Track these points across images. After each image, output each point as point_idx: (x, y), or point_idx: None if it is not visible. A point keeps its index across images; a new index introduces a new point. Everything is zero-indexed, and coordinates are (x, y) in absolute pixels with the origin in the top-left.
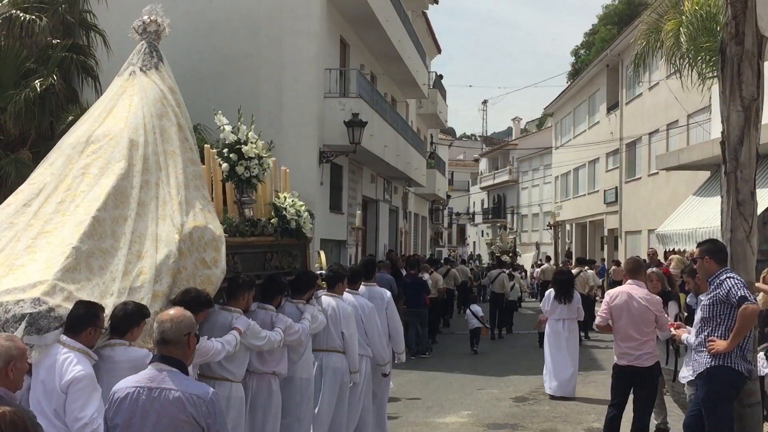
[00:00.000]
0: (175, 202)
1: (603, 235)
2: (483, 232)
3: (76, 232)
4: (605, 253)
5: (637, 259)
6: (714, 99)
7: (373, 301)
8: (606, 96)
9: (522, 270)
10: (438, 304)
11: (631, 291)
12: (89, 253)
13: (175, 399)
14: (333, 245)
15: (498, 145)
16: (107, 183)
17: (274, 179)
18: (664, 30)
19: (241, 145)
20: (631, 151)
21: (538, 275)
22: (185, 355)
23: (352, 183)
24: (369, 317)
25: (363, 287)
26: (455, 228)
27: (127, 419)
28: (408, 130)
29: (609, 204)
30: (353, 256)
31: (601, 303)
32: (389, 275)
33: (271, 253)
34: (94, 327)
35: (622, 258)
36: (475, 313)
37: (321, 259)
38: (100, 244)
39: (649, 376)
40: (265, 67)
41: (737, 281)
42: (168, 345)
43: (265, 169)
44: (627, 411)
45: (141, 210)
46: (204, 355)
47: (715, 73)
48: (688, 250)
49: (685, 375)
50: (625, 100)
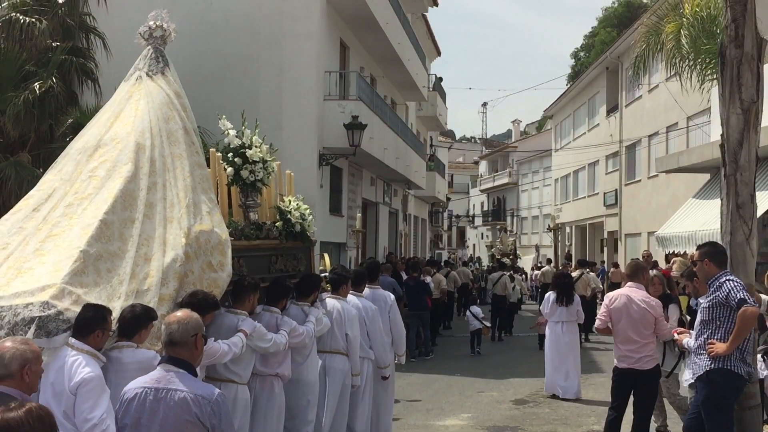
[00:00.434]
0: (183, 204)
1: (603, 238)
2: (483, 234)
3: (83, 235)
4: (605, 256)
5: (638, 262)
6: (714, 101)
7: (377, 304)
8: (606, 98)
9: (522, 272)
10: (439, 306)
11: (630, 294)
12: (97, 256)
13: (181, 400)
14: (333, 248)
15: (498, 148)
16: (115, 186)
17: (278, 183)
18: (664, 32)
19: (246, 149)
20: (631, 154)
21: (538, 277)
22: (193, 357)
23: (351, 185)
24: (372, 319)
25: (367, 290)
26: (455, 230)
27: (136, 419)
28: (408, 132)
29: (609, 206)
30: (353, 258)
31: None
32: (391, 278)
33: (276, 256)
34: (102, 329)
35: (621, 260)
36: (476, 315)
37: (325, 262)
38: (108, 246)
39: (650, 378)
40: (265, 70)
41: (737, 284)
42: (175, 346)
43: (270, 173)
44: (627, 414)
45: (148, 211)
46: (211, 357)
47: (715, 76)
48: (690, 252)
49: (687, 378)
50: (625, 102)
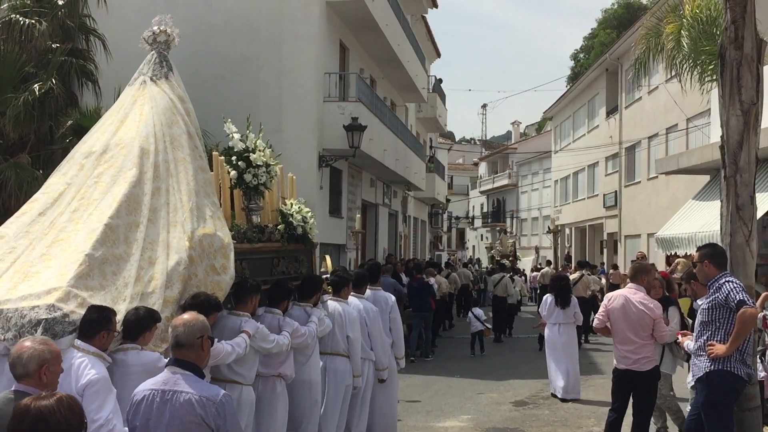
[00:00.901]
0: (186, 208)
1: (602, 239)
2: (482, 236)
3: (89, 239)
4: (605, 257)
5: (641, 264)
6: (713, 103)
7: (377, 305)
8: (605, 100)
9: (522, 274)
10: (440, 307)
11: (629, 295)
12: (102, 260)
13: (186, 401)
14: (332, 249)
15: (497, 149)
16: (119, 190)
17: (281, 186)
18: (664, 33)
19: (250, 153)
20: (631, 155)
21: (537, 279)
22: (199, 358)
23: (351, 187)
24: (373, 321)
25: (368, 291)
26: (455, 232)
27: (144, 421)
28: (407, 134)
29: (608, 208)
30: (353, 260)
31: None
32: (392, 279)
33: (278, 259)
34: (107, 330)
35: (621, 262)
36: (478, 317)
37: (327, 264)
38: (113, 250)
39: (649, 380)
40: (265, 71)
41: (736, 285)
42: (182, 348)
43: (273, 177)
44: (627, 415)
45: (153, 216)
46: (214, 358)
47: (715, 77)
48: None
49: (689, 380)
50: (625, 104)
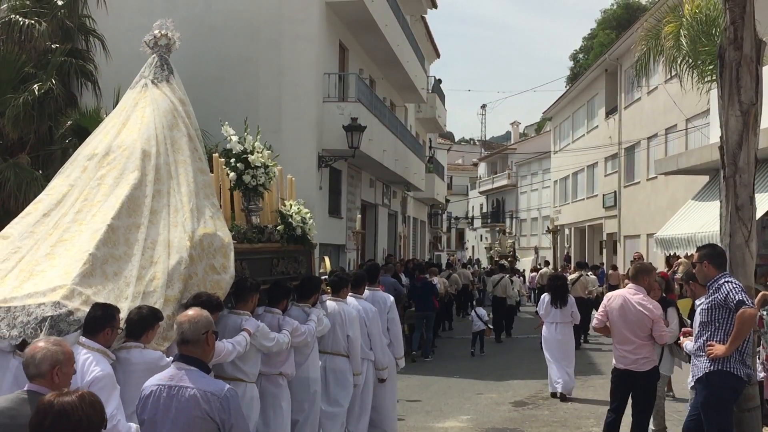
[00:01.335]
0: (187, 209)
1: (602, 240)
2: (482, 236)
3: (92, 239)
4: (604, 258)
5: (643, 265)
6: (713, 103)
7: (376, 305)
8: (605, 100)
9: (520, 275)
10: (440, 307)
11: (627, 295)
12: (104, 260)
13: (191, 396)
14: (332, 250)
15: (497, 150)
16: (121, 192)
17: (280, 187)
18: (663, 32)
19: (248, 155)
20: (630, 156)
21: (536, 280)
22: (204, 353)
23: (350, 187)
24: (372, 321)
25: (367, 291)
26: (454, 232)
27: (152, 415)
28: (407, 134)
29: (608, 208)
30: (353, 260)
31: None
32: (392, 278)
33: (278, 259)
34: (111, 328)
35: (620, 262)
36: (481, 316)
37: (326, 265)
38: (113, 251)
39: (648, 380)
40: (264, 72)
41: (735, 285)
42: (188, 345)
43: (272, 178)
44: (626, 415)
45: (153, 218)
46: (216, 356)
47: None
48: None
49: (689, 381)
50: (624, 104)
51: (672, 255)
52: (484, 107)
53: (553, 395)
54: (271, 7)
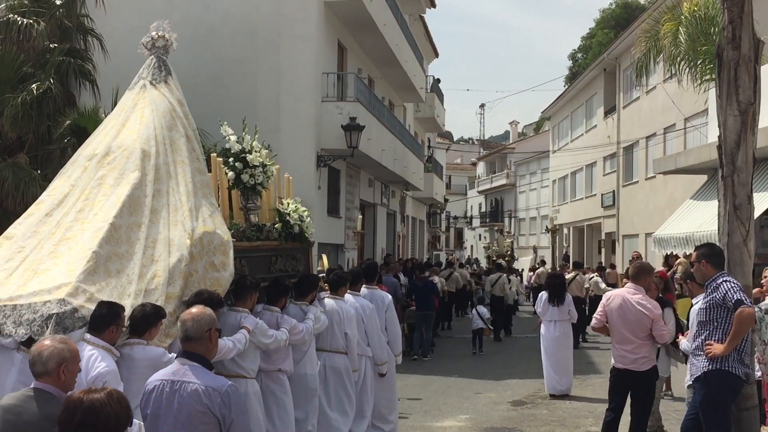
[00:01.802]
0: (186, 208)
1: (600, 239)
2: (480, 235)
3: (95, 237)
4: (602, 257)
5: (643, 264)
6: (711, 103)
7: (374, 304)
8: (603, 100)
9: (518, 274)
10: (440, 306)
11: (627, 294)
12: (107, 258)
13: (193, 391)
14: (330, 249)
15: (495, 149)
16: (122, 192)
17: (277, 186)
18: (662, 30)
19: (246, 154)
20: (629, 155)
21: (533, 279)
22: (208, 350)
23: (349, 187)
24: (369, 318)
25: (365, 289)
26: (453, 232)
27: (155, 410)
28: (405, 133)
29: (606, 207)
30: (353, 259)
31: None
32: (394, 278)
33: (276, 257)
34: (116, 325)
35: (619, 262)
36: (481, 315)
37: (323, 263)
38: (116, 249)
39: (646, 380)
40: (263, 71)
41: (733, 285)
42: (191, 342)
43: (269, 177)
44: (625, 415)
45: (154, 217)
46: (218, 353)
47: (712, 77)
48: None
49: (687, 380)
50: (623, 103)
51: (671, 254)
52: (482, 107)
53: (552, 396)
54: (270, 7)
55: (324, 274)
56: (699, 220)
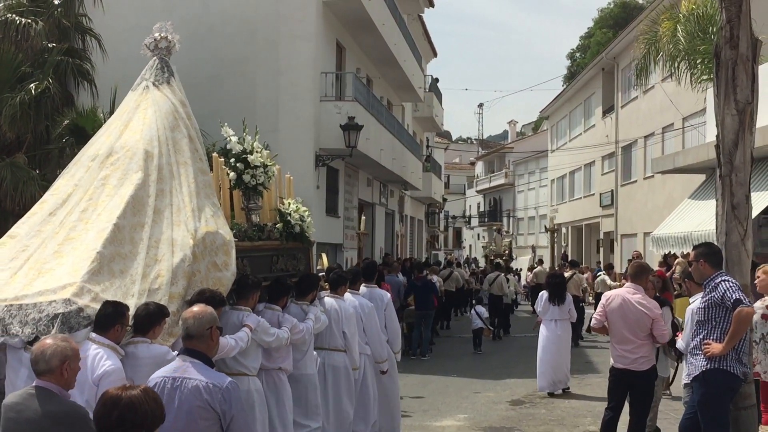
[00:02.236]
0: (189, 208)
1: (599, 238)
2: (479, 235)
3: (99, 238)
4: (601, 257)
5: (642, 264)
6: (709, 102)
7: (373, 302)
8: (601, 99)
9: (516, 273)
10: (439, 305)
11: (626, 294)
12: (111, 258)
13: (193, 387)
14: (329, 249)
15: (494, 149)
16: (126, 192)
17: (278, 186)
18: (660, 28)
19: (247, 155)
20: (627, 155)
21: (530, 279)
22: (209, 348)
23: (348, 186)
24: (369, 316)
25: (364, 288)
26: (451, 231)
27: None
28: (404, 133)
29: (605, 207)
30: (351, 259)
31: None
32: (397, 278)
33: (277, 257)
34: (121, 324)
35: (617, 261)
36: (480, 314)
37: (323, 262)
38: (119, 249)
39: (646, 379)
40: (262, 71)
41: (732, 284)
42: (192, 339)
43: (270, 177)
44: (624, 414)
45: (157, 217)
46: (220, 351)
47: (710, 76)
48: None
49: (684, 379)
50: (621, 103)
51: (669, 254)
52: (481, 106)
53: (550, 395)
54: (268, 7)
55: (324, 273)
56: (697, 219)
